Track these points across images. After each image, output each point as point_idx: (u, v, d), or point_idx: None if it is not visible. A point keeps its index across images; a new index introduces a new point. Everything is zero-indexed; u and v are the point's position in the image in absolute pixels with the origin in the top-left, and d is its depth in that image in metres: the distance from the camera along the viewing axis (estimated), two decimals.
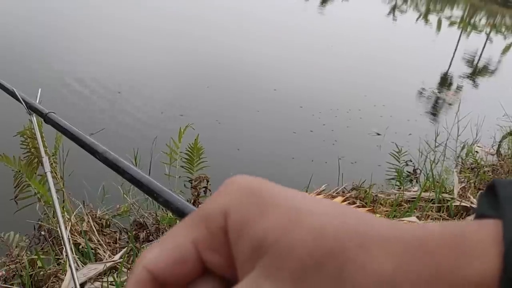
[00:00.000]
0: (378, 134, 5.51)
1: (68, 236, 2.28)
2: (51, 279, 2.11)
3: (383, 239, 0.21)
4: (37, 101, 1.56)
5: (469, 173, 4.00)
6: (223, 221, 0.23)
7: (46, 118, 1.42)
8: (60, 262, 2.25)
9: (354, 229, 0.21)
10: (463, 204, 3.14)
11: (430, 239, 0.21)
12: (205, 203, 0.25)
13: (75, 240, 2.35)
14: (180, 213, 0.75)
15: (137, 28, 8.42)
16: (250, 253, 0.22)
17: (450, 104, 7.73)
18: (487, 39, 17.18)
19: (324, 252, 0.21)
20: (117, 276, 2.00)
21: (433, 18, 20.94)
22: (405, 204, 3.20)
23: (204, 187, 2.62)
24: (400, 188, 3.72)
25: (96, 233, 2.45)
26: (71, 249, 2.04)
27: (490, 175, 3.91)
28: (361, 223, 0.22)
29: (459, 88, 9.34)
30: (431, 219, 2.95)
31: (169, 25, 9.13)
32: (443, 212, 3.11)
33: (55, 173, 2.42)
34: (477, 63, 12.79)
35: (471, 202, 3.14)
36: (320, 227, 0.21)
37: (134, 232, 2.56)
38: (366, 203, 3.06)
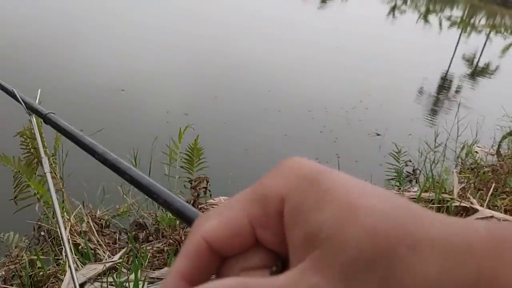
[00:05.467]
0: (378, 135, 5.51)
1: (68, 237, 2.28)
2: (51, 279, 2.11)
3: (432, 240, 0.21)
4: (37, 102, 1.56)
5: (469, 174, 4.00)
6: (280, 205, 0.25)
7: (46, 119, 1.41)
8: (60, 262, 2.25)
9: (406, 229, 0.22)
10: (462, 204, 3.13)
11: (476, 242, 0.21)
12: (262, 181, 0.26)
13: (75, 241, 2.35)
14: (180, 214, 0.75)
15: (140, 27, 8.41)
16: (303, 242, 0.23)
17: (451, 101, 7.73)
18: (487, 39, 17.18)
19: (375, 252, 0.21)
20: (116, 277, 1.99)
21: (433, 18, 20.93)
22: None
23: (203, 187, 2.62)
24: (400, 188, 3.72)
25: (95, 233, 2.45)
26: (70, 249, 2.04)
27: (490, 175, 3.90)
28: (413, 222, 0.22)
29: (459, 88, 9.34)
30: None
31: (174, 25, 9.13)
32: (443, 213, 3.10)
33: (55, 173, 2.42)
34: (477, 63, 12.80)
35: (471, 203, 3.13)
36: (373, 227, 0.22)
37: (133, 233, 2.56)
38: None
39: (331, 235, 0.22)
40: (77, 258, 2.20)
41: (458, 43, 14.62)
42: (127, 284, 1.91)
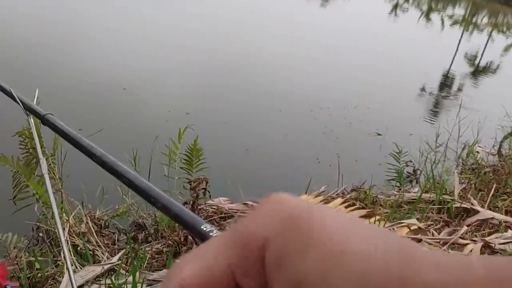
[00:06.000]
0: (379, 134, 5.50)
1: (66, 238, 2.27)
2: (49, 281, 2.10)
3: (426, 286, 0.20)
4: (35, 102, 1.55)
5: (470, 174, 3.98)
6: (261, 250, 0.23)
7: (44, 120, 1.40)
8: (58, 264, 2.24)
9: (397, 275, 0.20)
10: (463, 205, 3.11)
11: (474, 285, 0.20)
12: (244, 222, 0.25)
13: (74, 242, 2.34)
14: (178, 219, 0.74)
15: (142, 26, 8.40)
16: None
17: (452, 101, 7.71)
18: (489, 38, 17.16)
19: None
20: (115, 278, 1.98)
21: (435, 16, 20.90)
22: (405, 206, 3.18)
23: (203, 188, 2.61)
24: (400, 189, 3.70)
25: (94, 234, 2.44)
26: (69, 250, 2.03)
27: (491, 176, 3.88)
28: (407, 266, 0.21)
29: (460, 87, 9.33)
30: (431, 220, 2.93)
31: (176, 24, 9.13)
32: (443, 214, 3.09)
33: (53, 173, 2.41)
34: (479, 62, 12.77)
35: (472, 204, 3.11)
36: (362, 273, 0.20)
37: (132, 234, 2.55)
38: (366, 204, 3.04)
39: (317, 283, 0.21)
40: (76, 260, 2.19)
41: (460, 41, 14.59)
42: (125, 286, 1.90)
